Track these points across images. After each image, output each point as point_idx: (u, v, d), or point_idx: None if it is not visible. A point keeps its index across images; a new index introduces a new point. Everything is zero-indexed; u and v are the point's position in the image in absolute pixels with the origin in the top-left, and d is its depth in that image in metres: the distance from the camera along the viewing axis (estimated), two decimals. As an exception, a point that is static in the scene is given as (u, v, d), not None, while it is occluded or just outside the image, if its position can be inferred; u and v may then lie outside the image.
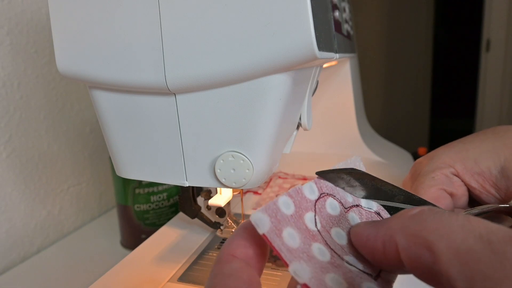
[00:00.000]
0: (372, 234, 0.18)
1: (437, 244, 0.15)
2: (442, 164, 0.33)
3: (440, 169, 0.32)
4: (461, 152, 0.33)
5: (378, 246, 0.17)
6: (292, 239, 0.18)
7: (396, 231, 0.17)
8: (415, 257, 0.15)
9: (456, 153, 0.33)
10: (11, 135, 0.51)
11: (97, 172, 0.66)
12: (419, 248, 0.15)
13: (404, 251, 0.16)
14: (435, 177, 0.32)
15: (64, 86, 0.59)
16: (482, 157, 0.32)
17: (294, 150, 0.39)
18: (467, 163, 0.32)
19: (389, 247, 0.17)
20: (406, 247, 0.16)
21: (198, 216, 0.40)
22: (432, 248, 0.15)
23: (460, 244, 0.14)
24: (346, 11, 0.47)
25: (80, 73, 0.28)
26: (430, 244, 0.15)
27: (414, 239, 0.16)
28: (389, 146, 0.83)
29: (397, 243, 0.16)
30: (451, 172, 0.32)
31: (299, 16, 0.22)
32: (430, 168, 0.33)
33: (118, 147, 0.31)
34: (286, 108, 0.28)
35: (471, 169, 0.32)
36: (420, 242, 0.15)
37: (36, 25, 0.54)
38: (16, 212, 0.52)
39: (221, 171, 0.28)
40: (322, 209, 0.21)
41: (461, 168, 0.32)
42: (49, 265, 0.50)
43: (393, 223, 0.17)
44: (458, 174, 0.32)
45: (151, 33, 0.25)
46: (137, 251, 0.39)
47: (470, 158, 0.32)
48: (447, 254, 0.14)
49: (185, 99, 0.28)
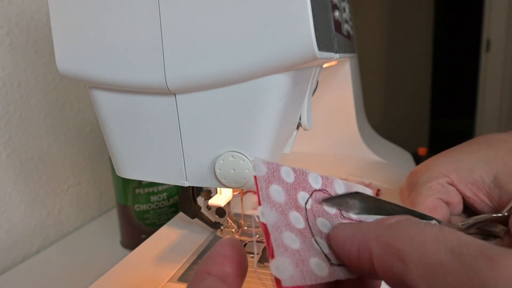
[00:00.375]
0: (349, 238, 0.18)
1: (409, 255, 0.15)
2: (438, 173, 0.34)
3: (436, 178, 0.33)
4: (456, 162, 0.34)
5: (353, 252, 0.18)
6: (278, 196, 0.19)
7: (371, 239, 0.17)
8: (387, 266, 0.16)
9: (451, 163, 0.34)
10: (11, 135, 0.51)
11: (97, 172, 0.66)
12: (392, 258, 0.15)
13: (377, 260, 0.16)
14: (431, 186, 0.33)
15: (64, 86, 0.59)
16: (475, 167, 0.33)
17: (294, 150, 0.39)
18: (461, 172, 0.33)
19: (364, 254, 0.17)
20: (379, 255, 0.16)
21: (198, 216, 0.40)
22: (404, 259, 0.15)
23: (431, 256, 0.14)
24: (346, 11, 0.47)
25: (80, 73, 0.28)
26: (402, 254, 0.15)
27: (388, 248, 0.16)
28: (389, 146, 0.83)
29: (371, 251, 0.16)
30: (447, 181, 0.33)
31: (299, 16, 0.22)
32: (427, 178, 0.34)
33: (118, 147, 0.31)
34: (286, 108, 0.28)
35: (465, 178, 0.33)
36: (393, 252, 0.15)
37: (36, 25, 0.54)
38: (16, 212, 0.52)
39: (221, 171, 0.28)
40: (317, 199, 0.21)
41: (456, 177, 0.33)
42: (49, 265, 0.50)
43: (369, 230, 0.17)
44: (453, 183, 0.33)
45: (151, 33, 0.25)
46: (137, 251, 0.39)
47: (464, 168, 0.33)
48: (418, 266, 0.14)
49: (185, 99, 0.28)
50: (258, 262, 0.36)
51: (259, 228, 0.18)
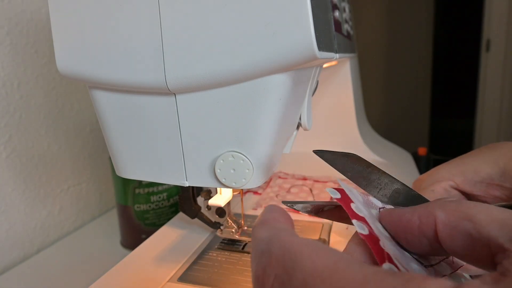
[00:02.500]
0: (409, 212, 0.19)
1: (477, 215, 0.16)
2: (441, 178, 0.34)
3: (439, 182, 0.33)
4: (460, 165, 0.34)
5: (414, 221, 0.19)
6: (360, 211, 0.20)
7: (435, 208, 0.18)
8: (454, 226, 0.17)
9: (455, 167, 0.34)
10: (11, 135, 0.51)
11: (97, 172, 0.66)
12: (459, 219, 0.17)
13: (442, 223, 0.17)
14: (434, 190, 0.33)
15: (64, 86, 0.59)
16: (481, 167, 0.33)
17: (294, 150, 0.39)
18: (467, 174, 0.33)
19: (426, 220, 0.18)
20: (445, 219, 0.17)
21: (198, 216, 0.40)
22: (472, 219, 0.16)
23: (498, 215, 0.16)
24: (346, 11, 0.47)
25: (80, 73, 0.28)
26: (470, 215, 0.17)
27: (454, 213, 0.17)
28: (389, 146, 0.83)
29: (436, 217, 0.18)
30: (450, 185, 0.33)
31: (299, 16, 0.22)
32: (429, 182, 0.34)
33: (118, 147, 0.31)
34: (286, 108, 0.28)
35: (471, 179, 0.33)
36: (460, 215, 0.17)
37: (36, 25, 0.54)
38: (16, 212, 0.52)
39: (221, 171, 0.28)
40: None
41: (461, 180, 0.33)
42: (49, 265, 0.50)
43: (431, 203, 0.19)
44: (458, 187, 0.33)
45: (151, 33, 0.25)
46: (137, 251, 0.39)
47: (469, 169, 0.33)
48: (487, 220, 0.16)
49: (185, 99, 0.28)
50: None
51: None
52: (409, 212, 0.19)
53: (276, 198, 0.51)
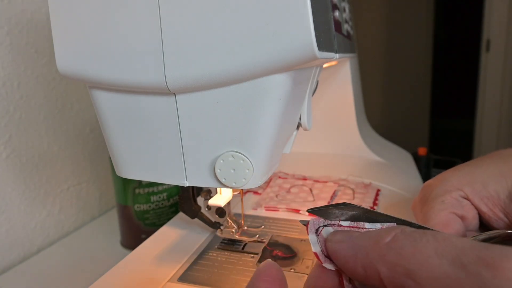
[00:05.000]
0: (351, 257, 0.19)
1: (417, 273, 0.16)
2: (451, 187, 0.33)
3: (449, 192, 0.32)
4: (468, 175, 0.33)
5: (359, 270, 0.18)
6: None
7: (375, 260, 0.17)
8: (400, 285, 0.16)
9: (463, 176, 0.33)
10: (11, 135, 0.51)
11: (97, 172, 0.66)
12: (402, 277, 0.16)
13: (387, 279, 0.17)
14: (445, 200, 0.32)
15: (64, 86, 0.59)
16: (489, 181, 0.32)
17: (294, 150, 0.39)
18: (475, 186, 0.32)
19: (371, 273, 0.18)
20: (389, 275, 0.17)
21: (198, 216, 0.40)
22: (414, 278, 0.16)
23: (438, 271, 0.15)
24: (346, 11, 0.47)
25: (80, 73, 0.28)
26: (411, 273, 0.16)
27: (396, 269, 0.17)
28: (389, 146, 0.83)
29: (379, 271, 0.17)
30: (460, 195, 0.32)
31: (299, 16, 0.22)
32: (440, 192, 0.33)
33: (118, 147, 0.31)
34: (286, 108, 0.28)
35: (479, 192, 0.32)
36: (402, 272, 0.16)
37: (36, 25, 0.54)
38: (16, 212, 0.52)
39: (221, 171, 0.28)
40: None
41: (469, 191, 0.32)
42: (49, 265, 0.50)
43: (370, 250, 0.18)
44: (468, 197, 0.32)
45: (151, 33, 0.25)
46: (137, 251, 0.39)
47: (477, 181, 0.32)
48: (429, 282, 0.15)
49: (185, 99, 0.28)
50: (258, 262, 0.36)
51: (259, 229, 0.18)
52: (352, 258, 0.19)
53: (276, 198, 0.51)
